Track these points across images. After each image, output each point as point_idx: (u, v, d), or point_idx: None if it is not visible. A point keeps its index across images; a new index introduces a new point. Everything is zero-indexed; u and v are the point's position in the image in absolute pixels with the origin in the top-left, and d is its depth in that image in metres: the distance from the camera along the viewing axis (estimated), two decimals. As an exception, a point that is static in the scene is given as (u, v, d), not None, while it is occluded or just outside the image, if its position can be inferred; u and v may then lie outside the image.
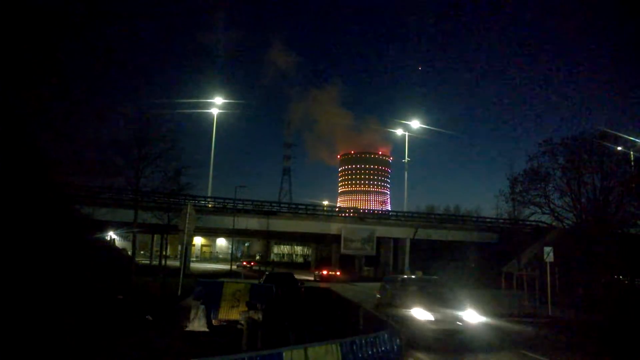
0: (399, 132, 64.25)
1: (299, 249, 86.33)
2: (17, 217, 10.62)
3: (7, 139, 11.01)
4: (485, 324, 13.83)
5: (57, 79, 13.26)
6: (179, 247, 45.80)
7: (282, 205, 52.57)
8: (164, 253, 43.54)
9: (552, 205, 31.35)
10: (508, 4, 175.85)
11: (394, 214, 57.73)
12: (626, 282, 30.49)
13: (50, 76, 13.14)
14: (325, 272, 41.32)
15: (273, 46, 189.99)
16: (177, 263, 41.57)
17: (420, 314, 11.83)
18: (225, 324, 13.56)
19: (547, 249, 20.44)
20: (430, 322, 11.65)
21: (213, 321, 13.43)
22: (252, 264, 58.67)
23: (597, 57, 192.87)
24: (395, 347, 6.30)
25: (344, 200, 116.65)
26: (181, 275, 18.82)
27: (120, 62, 14.55)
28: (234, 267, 51.38)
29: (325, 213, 50.32)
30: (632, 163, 31.23)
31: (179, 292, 18.52)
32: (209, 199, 44.41)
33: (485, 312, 15.30)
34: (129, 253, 31.10)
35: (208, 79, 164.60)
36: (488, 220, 50.22)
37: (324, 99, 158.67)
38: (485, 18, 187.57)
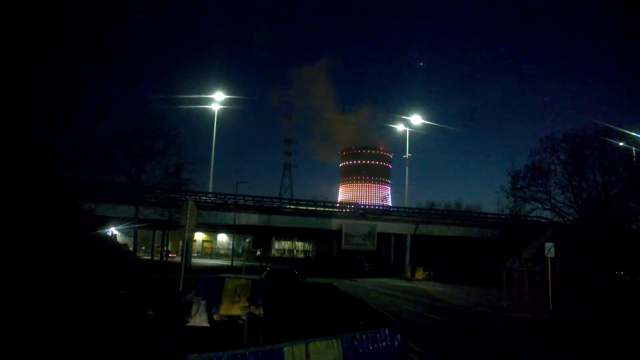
0: (400, 127, 64.13)
1: (299, 244, 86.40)
2: (18, 213, 10.64)
3: (7, 135, 11.01)
4: None
5: (57, 75, 13.24)
6: (180, 243, 45.83)
7: (283, 201, 52.58)
8: (165, 249, 43.63)
9: (553, 201, 31.29)
10: (511, 2, 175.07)
11: (395, 209, 57.71)
12: (627, 277, 30.53)
13: (50, 72, 13.11)
14: (170, 255, 57.29)
15: (275, 44, 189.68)
16: (178, 258, 41.66)
17: None
18: (226, 319, 13.61)
19: (548, 244, 20.44)
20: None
21: (214, 316, 13.47)
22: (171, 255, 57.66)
23: (600, 53, 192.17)
24: (396, 342, 6.30)
25: (345, 196, 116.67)
26: (182, 271, 18.86)
27: (121, 58, 14.50)
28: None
29: (326, 209, 50.30)
30: (634, 159, 31.18)
31: (180, 288, 18.58)
32: (210, 195, 44.42)
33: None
34: (130, 249, 31.14)
35: (209, 75, 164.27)
36: (489, 216, 50.22)
37: (325, 95, 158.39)
38: (488, 13, 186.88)
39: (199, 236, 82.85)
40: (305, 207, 47.78)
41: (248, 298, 13.46)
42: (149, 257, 49.54)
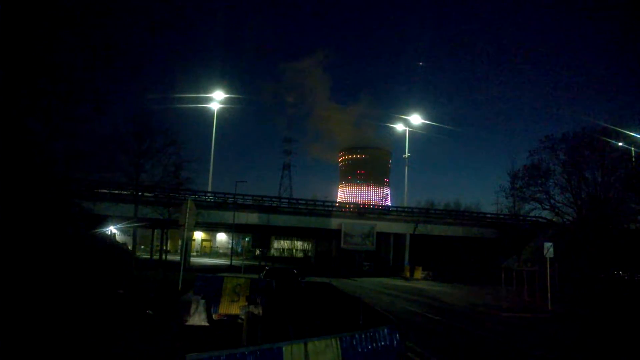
0: (400, 127, 64.14)
1: (299, 244, 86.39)
2: (17, 212, 10.62)
3: (5, 134, 10.98)
4: None
5: (56, 73, 13.21)
6: (180, 242, 45.82)
7: (282, 200, 52.55)
8: (164, 248, 43.60)
9: (552, 201, 31.32)
10: (511, 1, 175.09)
11: (394, 209, 57.72)
12: (626, 277, 30.53)
13: (49, 70, 13.08)
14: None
15: (274, 44, 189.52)
16: (177, 258, 41.61)
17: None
18: (225, 318, 13.59)
19: (547, 244, 20.45)
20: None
21: (213, 316, 13.46)
22: None
23: (599, 53, 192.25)
24: (395, 342, 6.29)
25: (344, 196, 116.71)
26: (181, 270, 18.83)
27: (120, 56, 14.47)
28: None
29: (325, 208, 50.30)
30: (633, 159, 31.20)
31: (180, 287, 18.55)
32: (209, 194, 44.40)
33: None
34: (130, 248, 31.12)
35: (209, 74, 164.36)
36: (488, 215, 50.25)
37: (325, 95, 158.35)
38: (488, 13, 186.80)
39: (198, 235, 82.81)
40: (304, 207, 47.77)
41: (247, 297, 13.47)
42: (148, 256, 49.50)
